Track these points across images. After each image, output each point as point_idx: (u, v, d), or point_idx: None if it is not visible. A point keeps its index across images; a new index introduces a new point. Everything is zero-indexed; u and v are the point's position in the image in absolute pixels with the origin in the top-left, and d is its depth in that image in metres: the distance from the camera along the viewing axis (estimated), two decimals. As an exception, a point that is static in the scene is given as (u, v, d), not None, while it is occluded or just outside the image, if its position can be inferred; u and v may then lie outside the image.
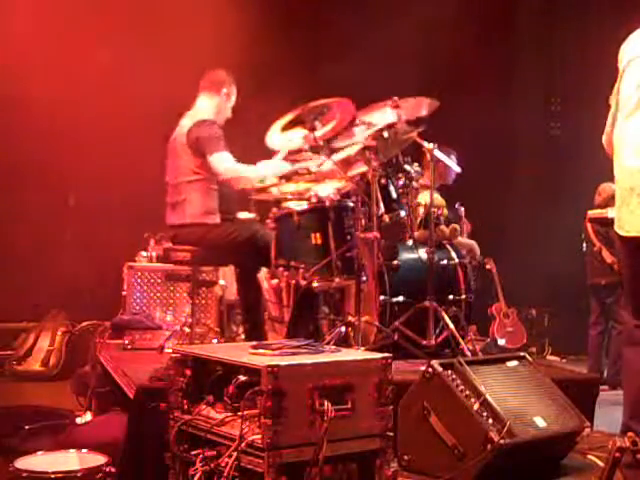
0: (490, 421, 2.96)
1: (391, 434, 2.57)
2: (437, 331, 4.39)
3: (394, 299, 4.57)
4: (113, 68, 7.00)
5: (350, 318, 4.29)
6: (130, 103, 6.81)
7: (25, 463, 2.82)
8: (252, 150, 4.65)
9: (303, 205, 4.47)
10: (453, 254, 4.88)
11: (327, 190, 4.62)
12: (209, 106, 4.63)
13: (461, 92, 7.79)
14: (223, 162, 4.41)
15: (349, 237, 4.33)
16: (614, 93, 3.07)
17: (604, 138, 3.16)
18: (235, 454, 2.37)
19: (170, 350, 3.20)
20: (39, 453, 2.98)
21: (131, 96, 6.83)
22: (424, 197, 4.92)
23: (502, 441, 2.87)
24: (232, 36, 6.83)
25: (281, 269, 4.42)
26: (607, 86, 3.13)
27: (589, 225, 6.78)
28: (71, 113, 6.74)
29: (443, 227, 5.09)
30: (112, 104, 6.82)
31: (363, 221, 4.34)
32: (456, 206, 5.70)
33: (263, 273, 4.73)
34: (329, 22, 7.92)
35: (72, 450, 3.01)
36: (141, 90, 6.92)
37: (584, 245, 6.95)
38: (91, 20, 7.05)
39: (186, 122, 4.56)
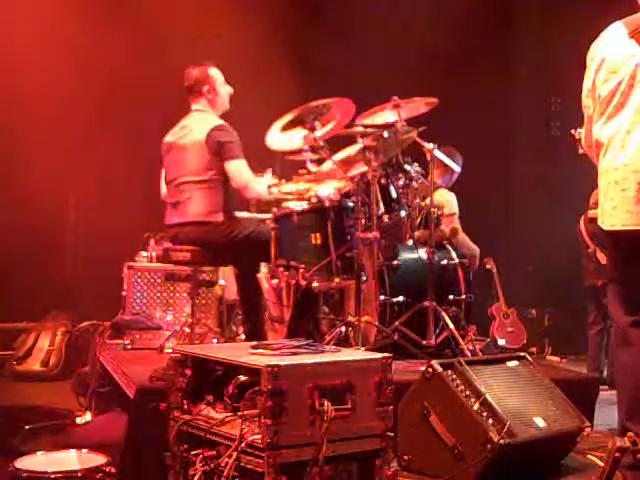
0: (490, 421, 2.96)
1: (391, 434, 2.57)
2: (437, 331, 4.39)
3: (394, 299, 4.57)
4: (113, 67, 7.00)
5: (350, 318, 4.29)
6: (130, 103, 6.82)
7: (25, 463, 2.81)
8: (252, 150, 4.64)
9: (303, 205, 4.48)
10: (453, 254, 4.88)
11: (327, 190, 4.63)
12: (205, 108, 4.62)
13: (461, 92, 7.80)
14: (242, 171, 4.44)
15: (349, 237, 4.34)
16: (587, 93, 3.03)
17: (584, 140, 3.14)
18: (235, 454, 2.37)
19: (170, 350, 3.20)
20: (39, 453, 2.98)
21: (131, 96, 6.83)
22: (440, 195, 4.91)
23: (502, 441, 2.87)
24: (232, 36, 6.85)
25: (281, 269, 4.43)
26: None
27: (583, 227, 6.81)
28: (71, 113, 6.74)
29: (443, 227, 5.10)
30: (112, 104, 6.83)
31: (363, 221, 4.34)
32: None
33: (263, 273, 4.73)
34: (329, 22, 7.92)
35: (72, 450, 3.01)
36: (141, 90, 6.93)
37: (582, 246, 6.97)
38: (93, 21, 7.05)
39: (192, 124, 4.53)
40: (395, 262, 4.68)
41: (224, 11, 7.00)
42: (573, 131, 3.47)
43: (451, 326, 4.33)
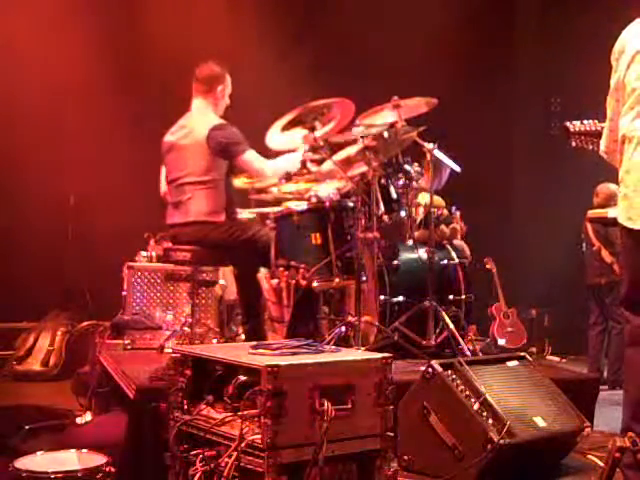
0: (490, 421, 2.96)
1: (391, 434, 2.56)
2: (437, 331, 4.39)
3: (394, 299, 4.58)
4: (113, 67, 7.01)
5: (350, 318, 4.29)
6: (130, 102, 6.82)
7: (25, 463, 2.81)
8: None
9: (303, 205, 4.48)
10: (453, 254, 4.89)
11: (327, 190, 4.63)
12: (208, 106, 4.60)
13: (461, 92, 7.80)
14: (255, 160, 4.44)
15: (349, 237, 4.34)
16: (614, 89, 2.88)
17: (605, 142, 2.97)
18: (235, 454, 2.37)
19: (170, 350, 3.20)
20: (39, 453, 2.98)
21: (132, 95, 6.83)
22: (423, 198, 4.92)
23: (502, 441, 2.88)
24: (232, 35, 6.84)
25: (281, 269, 4.43)
26: (607, 86, 3.10)
27: (589, 225, 6.80)
28: (71, 113, 6.75)
29: (443, 227, 5.10)
30: (112, 104, 6.82)
31: (363, 221, 4.34)
32: (452, 210, 5.68)
33: (263, 273, 4.73)
34: (329, 22, 7.92)
35: (72, 450, 3.01)
36: (142, 89, 6.93)
37: (584, 245, 6.96)
38: (93, 21, 7.06)
39: (192, 124, 4.51)
40: (395, 262, 4.68)
41: (225, 11, 7.00)
42: (568, 123, 3.28)
43: (451, 326, 4.34)
